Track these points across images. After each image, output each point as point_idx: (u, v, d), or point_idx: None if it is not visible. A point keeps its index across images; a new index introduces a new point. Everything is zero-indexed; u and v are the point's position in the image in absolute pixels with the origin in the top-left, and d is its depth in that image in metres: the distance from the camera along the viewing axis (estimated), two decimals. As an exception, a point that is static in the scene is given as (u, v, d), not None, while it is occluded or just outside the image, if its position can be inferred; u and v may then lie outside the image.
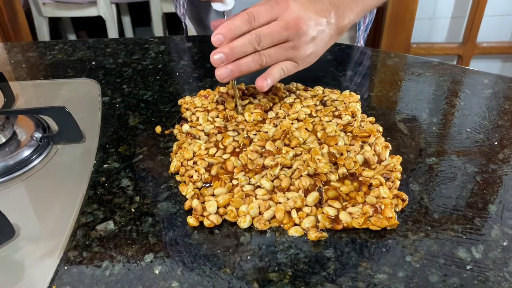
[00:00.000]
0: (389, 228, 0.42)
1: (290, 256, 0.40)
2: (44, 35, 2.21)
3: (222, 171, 0.48)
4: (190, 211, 0.44)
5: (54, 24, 2.42)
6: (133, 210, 0.45)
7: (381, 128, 0.55)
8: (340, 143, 0.51)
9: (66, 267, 0.39)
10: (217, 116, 0.58)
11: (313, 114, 0.58)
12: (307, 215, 0.43)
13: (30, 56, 0.80)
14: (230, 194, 0.45)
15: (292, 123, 0.55)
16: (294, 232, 0.42)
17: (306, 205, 0.44)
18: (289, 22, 0.51)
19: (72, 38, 2.51)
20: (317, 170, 0.47)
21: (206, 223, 0.42)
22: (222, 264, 0.39)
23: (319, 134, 0.53)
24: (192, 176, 0.47)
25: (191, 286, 0.37)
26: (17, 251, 0.41)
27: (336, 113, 0.57)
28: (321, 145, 0.51)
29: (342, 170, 0.47)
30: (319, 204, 0.44)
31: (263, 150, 0.50)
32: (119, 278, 0.38)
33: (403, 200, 0.44)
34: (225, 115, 0.58)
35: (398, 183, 0.46)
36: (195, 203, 0.44)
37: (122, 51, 0.81)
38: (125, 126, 0.59)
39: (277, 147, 0.51)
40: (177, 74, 0.72)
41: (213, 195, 0.45)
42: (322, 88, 0.64)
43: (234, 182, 0.47)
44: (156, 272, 0.38)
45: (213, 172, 0.48)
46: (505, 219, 0.43)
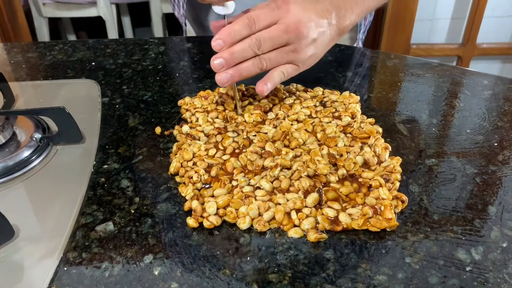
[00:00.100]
0: (388, 230, 0.42)
1: (289, 257, 0.40)
2: (44, 36, 2.21)
3: (221, 172, 0.48)
4: (189, 212, 0.44)
5: (54, 24, 2.42)
6: (132, 211, 0.45)
7: (380, 129, 0.55)
8: (339, 144, 0.51)
9: (65, 268, 0.39)
10: (216, 117, 0.58)
11: (313, 115, 0.58)
12: (307, 216, 0.43)
13: (30, 56, 0.80)
14: (229, 195, 0.45)
15: (292, 124, 0.55)
16: (293, 233, 0.42)
17: (306, 206, 0.44)
18: (290, 25, 0.51)
19: (72, 39, 2.51)
20: (316, 171, 0.47)
21: (206, 224, 0.42)
22: (222, 265, 0.39)
23: (318, 135, 0.53)
24: (191, 177, 0.47)
25: (191, 287, 0.37)
26: (17, 251, 0.41)
27: (336, 114, 0.57)
28: (320, 146, 0.51)
29: (341, 171, 0.47)
30: (318, 205, 0.44)
31: (263, 151, 0.50)
32: (118, 279, 0.38)
33: (402, 202, 0.44)
34: (225, 116, 0.58)
35: (397, 184, 0.46)
36: (194, 204, 0.44)
37: (122, 51, 0.81)
38: (125, 127, 0.59)
39: (277, 148, 0.51)
40: (177, 75, 0.72)
41: (212, 196, 0.45)
42: (322, 89, 0.64)
43: (234, 183, 0.47)
44: (156, 273, 0.38)
45: (212, 173, 0.48)
46: (505, 221, 0.43)
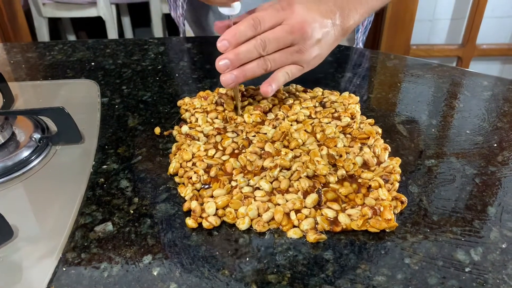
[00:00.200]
0: (388, 230, 0.42)
1: (288, 258, 0.39)
2: (43, 36, 2.21)
3: (221, 173, 0.48)
4: (188, 212, 0.44)
5: (54, 24, 2.42)
6: (131, 212, 0.45)
7: (380, 130, 0.55)
8: (339, 144, 0.51)
9: (64, 268, 0.39)
10: (216, 118, 0.58)
11: (313, 115, 0.58)
12: (306, 217, 0.43)
13: (29, 56, 0.80)
14: (229, 195, 0.45)
15: (291, 125, 0.55)
16: (293, 234, 0.42)
17: (305, 207, 0.44)
18: (294, 26, 0.51)
19: (72, 39, 2.51)
20: (316, 171, 0.47)
21: (205, 224, 0.42)
22: (221, 266, 0.39)
23: (318, 136, 0.53)
24: (191, 178, 0.47)
25: (190, 287, 0.37)
26: (15, 252, 0.41)
27: (336, 114, 0.57)
28: (320, 146, 0.51)
29: (341, 172, 0.47)
30: (318, 206, 0.44)
31: (262, 151, 0.50)
32: (117, 279, 0.38)
33: (402, 202, 0.44)
34: (224, 117, 0.58)
35: (397, 185, 0.46)
36: (193, 204, 0.44)
37: (122, 52, 0.81)
38: (124, 127, 0.59)
39: (276, 149, 0.51)
40: (176, 75, 0.72)
41: (212, 196, 0.45)
42: (321, 90, 0.64)
43: (233, 183, 0.47)
44: (155, 273, 0.38)
45: (212, 173, 0.48)
46: (504, 221, 0.43)
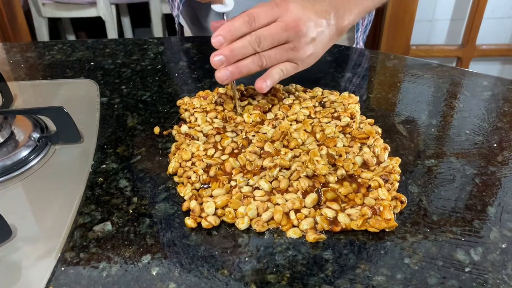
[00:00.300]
0: (387, 230, 0.41)
1: (288, 257, 0.39)
2: (43, 36, 2.21)
3: (220, 172, 0.48)
4: (188, 212, 0.44)
5: (54, 24, 2.42)
6: (130, 211, 0.45)
7: (380, 130, 0.55)
8: (339, 144, 0.51)
9: (63, 268, 0.39)
10: (215, 117, 0.58)
11: (312, 115, 0.57)
12: (306, 216, 0.43)
13: (28, 56, 0.80)
14: (228, 195, 0.45)
15: (291, 124, 0.55)
16: (292, 233, 0.42)
17: (305, 207, 0.43)
18: (289, 23, 0.51)
19: (72, 39, 2.51)
20: (315, 171, 0.47)
21: (204, 224, 0.42)
22: (220, 266, 0.39)
23: (318, 136, 0.53)
24: (190, 177, 0.47)
25: (189, 287, 0.37)
26: (14, 251, 0.40)
27: (335, 114, 0.57)
28: (320, 146, 0.51)
29: (340, 172, 0.47)
30: (317, 205, 0.44)
31: (262, 151, 0.50)
32: (116, 279, 0.38)
33: (401, 202, 0.44)
34: (224, 116, 0.58)
35: (396, 185, 0.46)
36: (193, 204, 0.44)
37: (121, 51, 0.80)
38: (124, 126, 0.59)
39: (276, 148, 0.51)
40: (176, 75, 0.72)
41: (211, 196, 0.45)
42: (321, 90, 0.64)
43: (233, 183, 0.46)
44: (154, 273, 0.38)
45: (211, 173, 0.48)
46: (504, 221, 0.43)
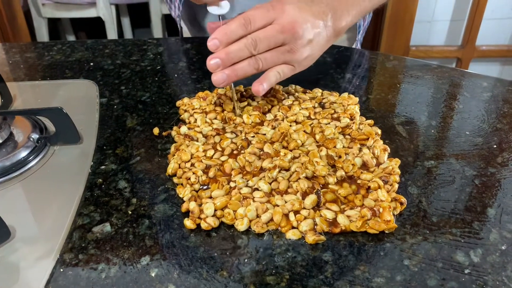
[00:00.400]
0: (387, 232, 0.41)
1: (287, 259, 0.39)
2: (43, 36, 2.20)
3: (219, 173, 0.48)
4: (187, 213, 0.44)
5: (54, 25, 2.42)
6: (129, 212, 0.45)
7: (379, 131, 0.55)
8: (338, 145, 0.51)
9: (61, 269, 0.39)
10: (215, 118, 0.58)
11: (312, 116, 0.57)
12: (305, 218, 0.42)
13: (28, 56, 0.80)
14: (227, 196, 0.45)
15: (290, 125, 0.55)
16: (291, 235, 0.41)
17: (304, 208, 0.43)
18: (285, 25, 0.51)
19: (71, 39, 2.51)
20: (315, 172, 0.47)
21: (203, 225, 0.42)
22: (219, 267, 0.39)
23: (317, 137, 0.53)
24: (189, 178, 0.47)
25: (188, 289, 0.37)
26: (13, 253, 0.40)
27: (335, 115, 0.57)
28: (319, 147, 0.51)
29: (340, 173, 0.47)
30: (317, 207, 0.44)
31: (261, 152, 0.50)
32: (115, 280, 0.38)
33: (401, 203, 0.44)
34: (223, 117, 0.58)
35: (396, 186, 0.46)
36: (192, 205, 0.44)
37: (121, 52, 0.80)
38: (123, 127, 0.59)
39: (275, 150, 0.51)
40: (175, 75, 0.72)
41: (210, 197, 0.45)
42: (321, 91, 0.63)
43: (232, 184, 0.46)
44: (153, 275, 0.38)
45: (210, 174, 0.48)
46: (504, 223, 0.42)
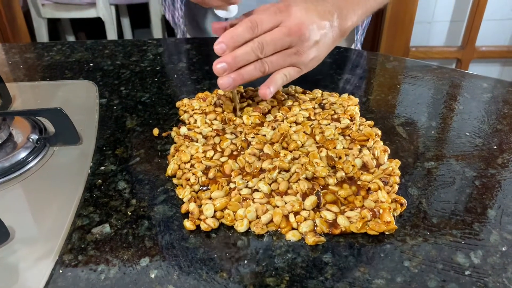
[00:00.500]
0: (387, 233, 0.41)
1: (287, 260, 0.39)
2: (43, 37, 2.20)
3: (219, 174, 0.48)
4: (186, 214, 0.44)
5: (53, 25, 2.41)
6: (129, 213, 0.45)
7: (379, 132, 0.55)
8: (338, 146, 0.51)
9: (61, 271, 0.39)
10: (215, 119, 0.58)
11: (312, 117, 0.57)
12: (305, 219, 0.42)
13: (27, 57, 0.80)
14: (227, 197, 0.45)
15: (290, 126, 0.55)
16: (291, 236, 0.41)
17: (304, 209, 0.43)
18: (292, 28, 0.51)
19: (71, 40, 2.51)
20: (315, 173, 0.47)
21: (203, 226, 0.42)
22: (219, 268, 0.38)
23: (317, 138, 0.53)
24: (189, 179, 0.47)
25: (187, 290, 0.37)
26: (12, 254, 0.40)
27: (335, 116, 0.57)
28: (319, 148, 0.51)
29: (340, 174, 0.47)
30: (317, 208, 0.44)
31: (261, 153, 0.50)
32: (114, 282, 0.37)
33: (401, 205, 0.44)
34: (223, 118, 0.58)
35: (396, 187, 0.46)
36: (192, 206, 0.44)
37: (120, 52, 0.80)
38: (123, 128, 0.59)
39: (275, 150, 0.51)
40: (175, 76, 0.72)
41: (210, 198, 0.45)
42: (320, 91, 0.63)
43: (232, 185, 0.46)
44: (152, 276, 0.38)
45: (210, 175, 0.48)
46: (504, 224, 0.42)
